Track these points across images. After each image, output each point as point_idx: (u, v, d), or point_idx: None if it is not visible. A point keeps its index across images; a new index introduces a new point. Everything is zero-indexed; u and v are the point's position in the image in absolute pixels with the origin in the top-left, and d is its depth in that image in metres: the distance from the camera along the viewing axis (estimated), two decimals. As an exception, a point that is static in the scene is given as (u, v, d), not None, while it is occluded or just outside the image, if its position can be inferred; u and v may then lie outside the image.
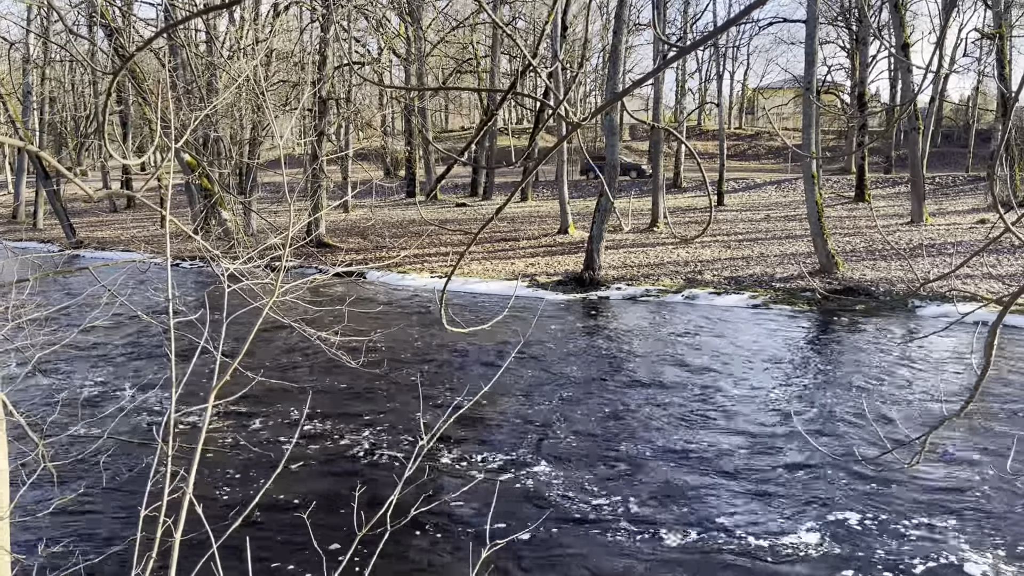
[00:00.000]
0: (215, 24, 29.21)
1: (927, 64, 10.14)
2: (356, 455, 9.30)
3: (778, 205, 33.05)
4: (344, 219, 34.49)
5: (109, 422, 8.99)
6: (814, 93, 20.47)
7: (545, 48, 41.72)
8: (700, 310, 17.92)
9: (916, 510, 7.66)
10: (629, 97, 60.92)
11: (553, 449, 9.45)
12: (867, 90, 36.73)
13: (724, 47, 40.86)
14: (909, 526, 7.36)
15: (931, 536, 7.18)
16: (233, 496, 8.09)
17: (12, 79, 38.32)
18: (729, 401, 11.16)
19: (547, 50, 39.57)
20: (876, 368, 12.71)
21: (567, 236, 27.27)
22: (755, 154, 51.29)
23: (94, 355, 14.07)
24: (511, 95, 3.27)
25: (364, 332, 12.64)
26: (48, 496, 7.17)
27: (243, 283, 5.56)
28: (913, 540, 7.12)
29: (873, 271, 19.76)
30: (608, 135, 22.13)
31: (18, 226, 39.29)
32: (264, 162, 28.26)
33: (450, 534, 7.33)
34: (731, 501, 7.96)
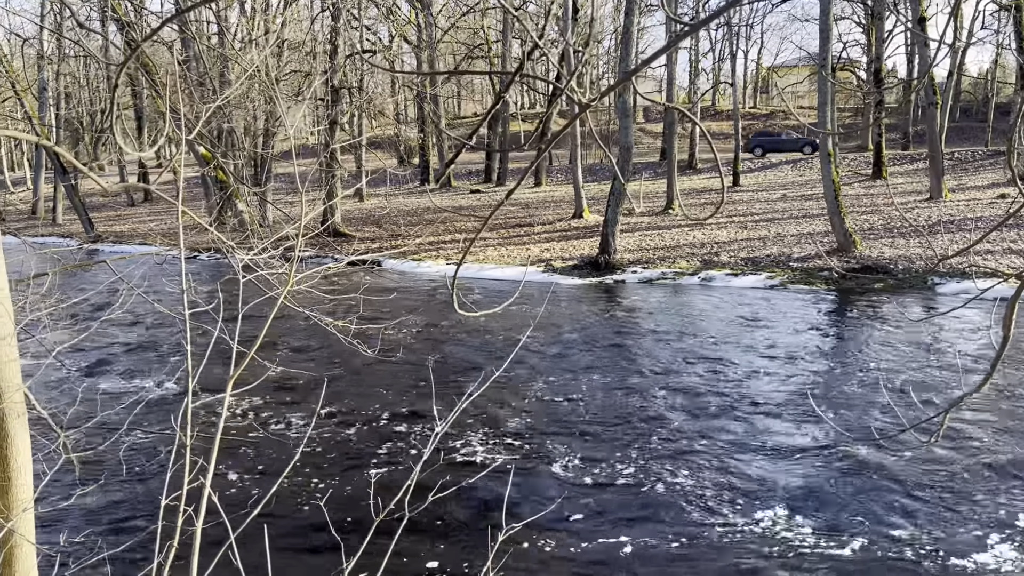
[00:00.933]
0: (226, 15, 29.23)
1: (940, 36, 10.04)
2: (372, 442, 9.36)
3: (794, 184, 32.76)
4: (359, 208, 34.56)
5: (128, 413, 9.08)
6: (829, 70, 20.22)
7: (556, 30, 41.48)
8: (717, 292, 17.83)
9: (933, 488, 7.61)
10: (642, 78, 60.47)
11: (569, 432, 9.46)
12: (884, 66, 36.20)
13: (737, 26, 40.43)
14: (925, 504, 7.32)
15: (948, 514, 7.13)
16: (251, 484, 8.17)
17: (27, 75, 38.57)
18: (745, 382, 11.11)
19: (559, 32, 39.36)
20: (894, 346, 12.61)
21: (582, 220, 27.18)
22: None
23: (113, 347, 14.22)
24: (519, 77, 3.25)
25: (380, 320, 12.69)
26: (70, 487, 7.27)
27: (257, 273, 5.59)
28: (929, 518, 7.07)
29: (892, 249, 19.57)
30: (621, 117, 21.99)
31: (38, 222, 39.71)
32: (278, 153, 28.33)
33: (467, 518, 7.37)
34: (747, 482, 7.93)
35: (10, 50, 37.41)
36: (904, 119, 41.23)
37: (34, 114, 29.66)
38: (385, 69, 9.66)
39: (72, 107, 45.76)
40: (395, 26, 37.25)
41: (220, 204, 26.35)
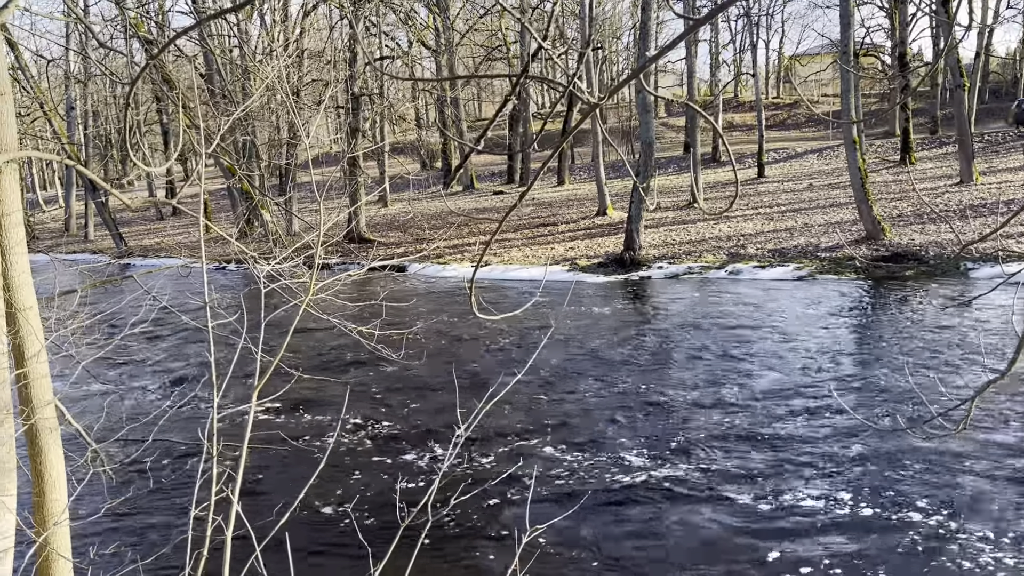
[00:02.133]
0: (246, 28, 29.55)
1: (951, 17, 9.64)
2: (396, 447, 9.38)
3: (821, 173, 32.34)
4: (383, 213, 34.72)
5: (156, 425, 9.20)
6: (851, 57, 19.94)
7: (575, 30, 41.39)
8: (744, 284, 17.66)
9: (960, 476, 7.46)
10: (663, 72, 60.17)
11: (594, 432, 9.41)
12: (908, 50, 35.64)
13: (757, 16, 40.00)
14: (952, 492, 7.18)
15: (975, 503, 6.99)
16: (277, 492, 8.22)
17: (52, 96, 39.28)
18: (772, 375, 10.99)
19: (576, 31, 39.28)
20: (923, 334, 12.40)
21: (606, 218, 27.07)
22: (795, 123, 50.25)
23: (141, 359, 14.41)
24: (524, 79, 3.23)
25: (404, 325, 12.74)
26: (101, 498, 7.38)
27: (280, 283, 5.63)
28: (956, 506, 6.93)
29: (922, 235, 19.24)
30: (642, 113, 21.87)
31: (71, 239, 40.44)
32: (301, 162, 28.57)
33: (491, 521, 7.35)
34: (773, 476, 7.84)
35: (37, 71, 38.12)
36: (931, 102, 40.54)
37: (62, 133, 30.20)
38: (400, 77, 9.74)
39: (99, 125, 46.51)
40: (413, 31, 37.38)
41: (246, 215, 26.64)
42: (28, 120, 34.88)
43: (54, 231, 44.64)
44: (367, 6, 26.48)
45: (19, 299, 5.30)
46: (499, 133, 49.88)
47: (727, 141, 4.72)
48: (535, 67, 40.99)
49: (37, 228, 44.91)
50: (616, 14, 50.05)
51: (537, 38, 2.83)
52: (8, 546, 4.56)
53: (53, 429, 5.60)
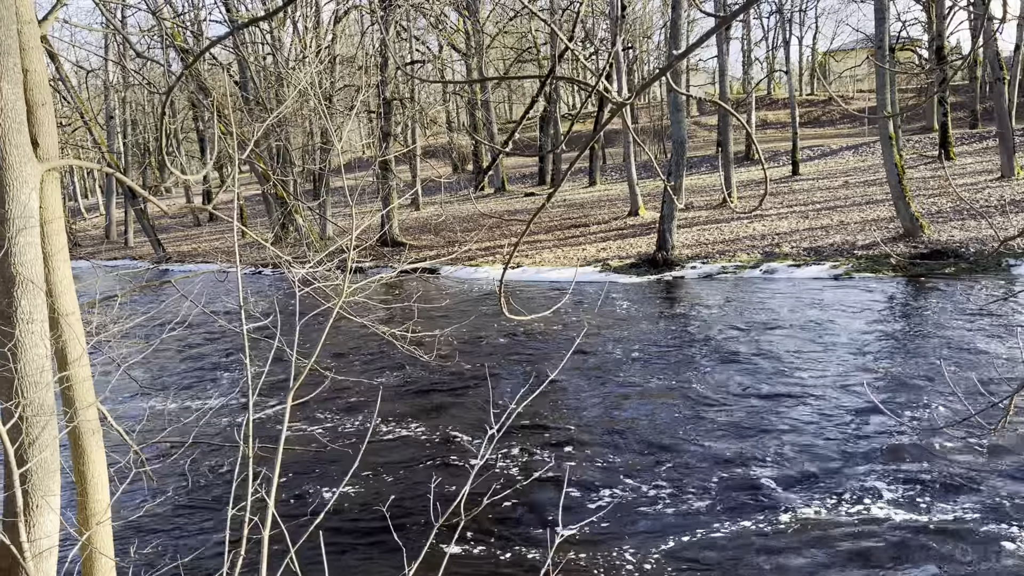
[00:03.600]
0: (279, 36, 29.93)
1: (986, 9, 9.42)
2: (429, 447, 9.43)
3: (856, 170, 31.86)
4: (415, 217, 34.92)
5: (195, 426, 9.35)
6: (887, 51, 19.63)
7: (604, 30, 41.27)
8: (779, 284, 17.47)
9: (999, 474, 7.30)
10: (694, 71, 59.71)
11: (627, 433, 9.38)
12: (946, 43, 34.96)
13: (789, 12, 39.57)
14: (990, 491, 7.03)
15: (1013, 502, 6.84)
16: (312, 492, 8.32)
17: (92, 106, 40.16)
18: (809, 373, 10.85)
19: (606, 31, 39.16)
20: (962, 331, 12.16)
21: (638, 218, 26.95)
22: (830, 120, 49.55)
23: (178, 362, 14.66)
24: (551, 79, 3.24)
25: (435, 327, 12.80)
26: (141, 498, 7.52)
27: (314, 286, 5.71)
28: (995, 505, 6.79)
29: (962, 231, 18.87)
30: (673, 112, 21.76)
31: (111, 245, 41.29)
32: (334, 167, 28.86)
33: (523, 522, 7.36)
34: (809, 477, 7.74)
35: (77, 82, 38.98)
36: (970, 96, 39.75)
37: (102, 142, 30.82)
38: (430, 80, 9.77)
39: (138, 133, 47.42)
40: (444, 35, 37.56)
41: (281, 220, 26.96)
42: (69, 130, 35.64)
43: (95, 238, 45.60)
44: (398, 11, 26.68)
45: (61, 305, 5.44)
46: (531, 135, 49.93)
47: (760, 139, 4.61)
48: (565, 68, 40.95)
49: (79, 235, 45.93)
50: (647, 13, 49.86)
51: (564, 38, 2.84)
52: (52, 545, 4.67)
53: (95, 431, 5.73)
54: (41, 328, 4.88)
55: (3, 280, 4.74)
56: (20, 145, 4.76)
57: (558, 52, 28.41)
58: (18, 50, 4.83)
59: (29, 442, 4.71)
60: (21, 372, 4.70)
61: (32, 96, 5.09)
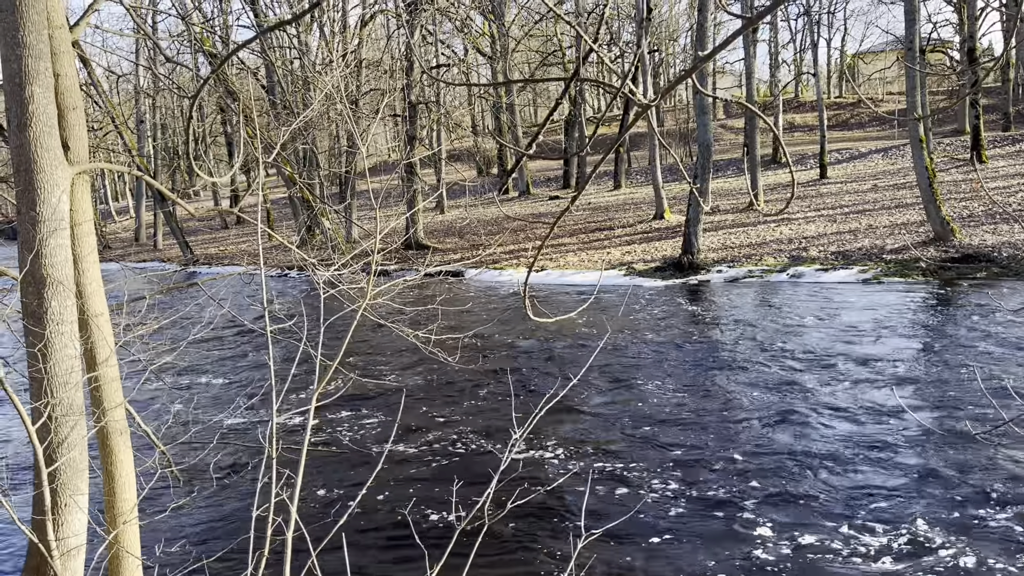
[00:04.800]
0: (306, 40, 30.17)
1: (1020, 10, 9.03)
2: (452, 451, 9.43)
3: (886, 174, 31.47)
4: (440, 220, 35.03)
5: (221, 427, 9.43)
6: (917, 53, 19.37)
7: (631, 33, 41.17)
8: (806, 288, 17.28)
9: None
10: (721, 73, 59.36)
11: (650, 438, 9.31)
12: (978, 45, 34.44)
13: (817, 14, 39.17)
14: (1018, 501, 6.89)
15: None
16: (335, 493, 8.35)
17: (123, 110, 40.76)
18: (838, 379, 10.72)
19: (633, 34, 39.06)
20: (994, 337, 11.94)
21: (663, 221, 26.82)
22: (858, 122, 49.01)
23: (206, 363, 14.80)
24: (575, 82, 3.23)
25: (460, 329, 12.82)
26: (167, 499, 7.59)
27: (338, 288, 5.73)
28: None
29: (994, 236, 18.56)
30: (699, 114, 21.63)
31: (140, 248, 41.86)
32: (359, 171, 29.04)
33: (546, 526, 7.33)
34: (839, 487, 7.64)
35: (108, 86, 39.59)
36: (1002, 98, 39.12)
37: (133, 146, 31.26)
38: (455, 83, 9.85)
39: (167, 137, 48.04)
40: (469, 39, 37.66)
41: (307, 223, 27.16)
42: (100, 134, 36.20)
43: (125, 240, 46.25)
44: (423, 15, 26.79)
45: (91, 306, 5.51)
46: (557, 138, 49.91)
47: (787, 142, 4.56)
48: (590, 71, 40.88)
49: (109, 238, 46.60)
50: (673, 16, 49.67)
51: (588, 40, 2.82)
52: (80, 543, 4.73)
53: (123, 431, 5.80)
54: (71, 329, 4.94)
55: (34, 281, 4.81)
56: (51, 148, 4.84)
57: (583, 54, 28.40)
58: (49, 54, 4.90)
59: (58, 442, 4.77)
60: (51, 372, 4.76)
61: (63, 100, 5.16)
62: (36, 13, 4.72)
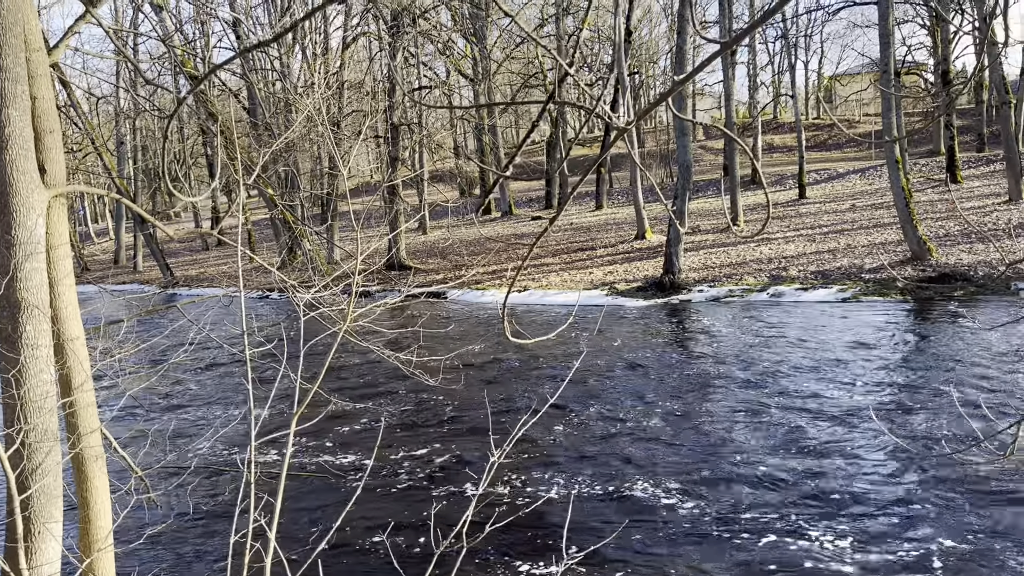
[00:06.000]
0: (287, 62, 30.23)
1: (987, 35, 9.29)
2: (431, 473, 9.37)
3: (863, 194, 31.87)
4: (423, 241, 35.03)
5: (198, 452, 9.33)
6: (892, 76, 19.69)
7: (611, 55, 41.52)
8: (786, 307, 17.41)
9: (1009, 502, 7.20)
10: (700, 95, 59.98)
11: (632, 458, 9.31)
12: (952, 67, 35.07)
13: (795, 37, 39.76)
14: (999, 519, 6.93)
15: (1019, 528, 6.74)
16: (314, 518, 8.27)
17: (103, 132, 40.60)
18: (816, 398, 10.77)
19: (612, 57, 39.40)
20: (970, 356, 12.06)
21: (645, 241, 26.96)
22: (836, 143, 49.66)
23: (184, 387, 14.66)
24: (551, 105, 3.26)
25: (441, 351, 12.79)
26: (143, 525, 7.48)
27: (319, 311, 5.70)
28: (1002, 532, 6.70)
29: (970, 255, 18.81)
30: (679, 136, 21.84)
31: (120, 270, 41.51)
32: (340, 193, 29.00)
33: (526, 548, 7.28)
34: (816, 505, 7.66)
35: (88, 108, 39.43)
36: (976, 120, 39.81)
37: (113, 168, 31.10)
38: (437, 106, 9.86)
39: (148, 159, 47.84)
40: (451, 61, 37.88)
41: (288, 245, 27.06)
42: (80, 155, 36.00)
43: (104, 262, 45.85)
44: (405, 38, 26.94)
45: (67, 330, 5.45)
46: (539, 159, 50.15)
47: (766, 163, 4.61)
48: (571, 92, 41.18)
49: (88, 260, 46.19)
50: (652, 39, 50.21)
51: (564, 65, 2.85)
52: (54, 572, 4.65)
53: (99, 457, 5.72)
54: (46, 353, 4.88)
55: (9, 305, 4.76)
56: (27, 171, 4.80)
57: (559, 77, 28.60)
58: (26, 78, 4.88)
59: (32, 468, 4.70)
60: (25, 397, 4.70)
61: (40, 123, 5.13)
62: (13, 36, 4.71)
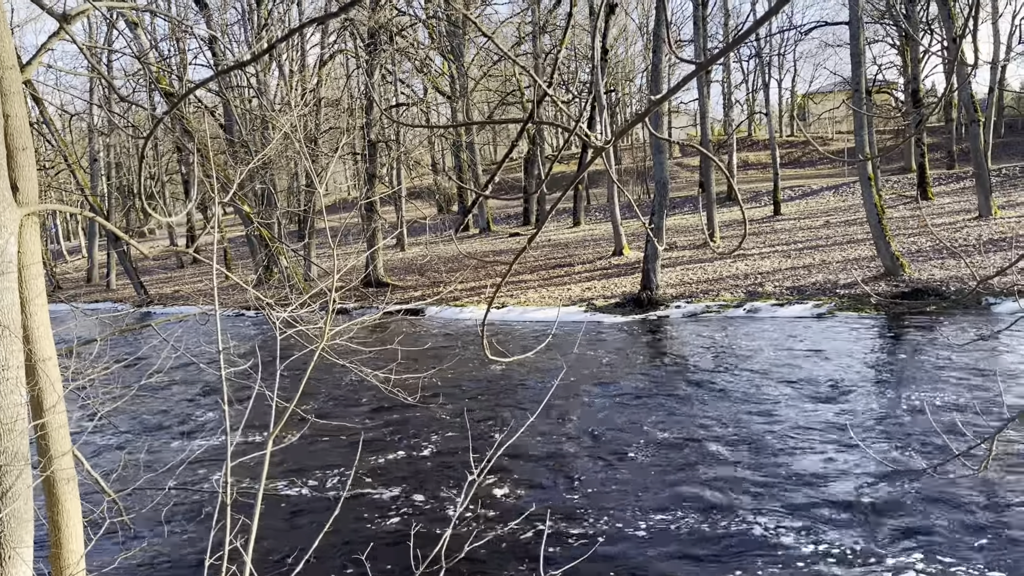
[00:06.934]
0: (264, 79, 30.17)
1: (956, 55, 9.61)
2: (409, 493, 9.31)
3: (837, 210, 32.29)
4: (401, 258, 34.96)
5: (173, 473, 9.20)
6: (863, 94, 20.02)
7: (588, 72, 41.88)
8: (763, 323, 17.54)
9: (983, 516, 7.28)
10: (676, 113, 60.56)
11: (611, 474, 9.31)
12: (921, 86, 35.75)
13: (768, 56, 40.32)
14: (974, 534, 7.00)
15: (996, 544, 6.81)
16: (291, 538, 8.17)
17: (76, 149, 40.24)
18: (792, 413, 10.85)
19: (590, 75, 39.74)
20: (944, 371, 12.22)
21: (622, 257, 27.10)
22: (810, 160, 50.33)
23: (158, 408, 14.47)
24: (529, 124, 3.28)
25: (419, 369, 12.73)
26: (116, 547, 7.35)
27: (295, 329, 5.66)
28: (978, 549, 6.76)
29: (942, 270, 19.08)
30: (655, 153, 22.01)
31: (93, 288, 40.98)
32: (317, 209, 28.91)
33: (505, 566, 7.25)
34: (793, 520, 7.69)
35: (61, 125, 39.06)
36: (946, 138, 40.53)
37: (86, 185, 30.80)
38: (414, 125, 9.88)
39: (122, 176, 47.42)
40: (428, 78, 38.00)
41: (264, 262, 26.89)
42: (52, 173, 35.62)
43: (77, 280, 45.26)
44: (383, 55, 26.99)
45: (38, 350, 5.36)
46: (517, 175, 50.31)
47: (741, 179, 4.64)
48: (549, 111, 41.44)
49: (60, 278, 45.57)
50: (629, 57, 50.69)
51: (543, 85, 2.88)
52: (23, 598, 4.55)
53: (71, 479, 5.62)
54: (16, 375, 4.80)
55: (-22, 326, 4.68)
56: (-1, 190, 4.74)
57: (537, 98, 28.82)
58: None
59: (2, 492, 4.61)
60: (-5, 419, 4.62)
61: (12, 141, 5.07)
62: (-15, 54, 4.67)
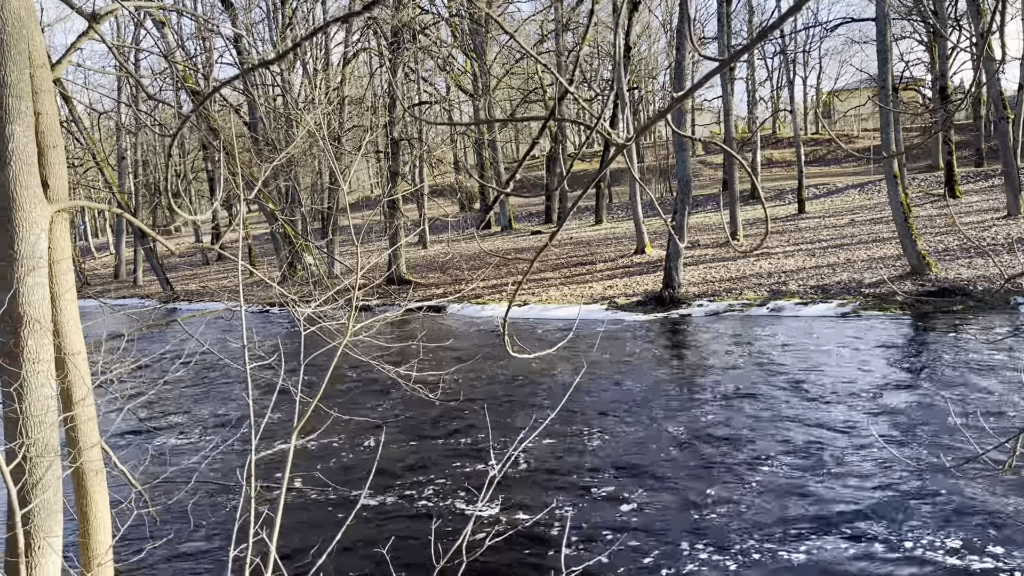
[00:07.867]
0: (288, 78, 30.39)
1: (983, 51, 9.39)
2: (431, 488, 9.35)
3: (862, 208, 31.95)
4: (423, 255, 35.09)
5: (199, 466, 9.31)
6: (890, 91, 19.79)
7: (611, 70, 41.70)
8: (786, 322, 17.41)
9: (1008, 516, 7.20)
10: (699, 110, 60.26)
11: (632, 472, 9.29)
12: (949, 83, 35.25)
13: (793, 53, 39.99)
14: (998, 534, 6.92)
15: (1022, 542, 6.72)
16: (313, 532, 8.24)
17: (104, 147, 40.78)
18: (816, 413, 10.77)
19: (612, 72, 39.57)
20: (970, 370, 12.07)
21: (644, 256, 27.01)
22: (835, 158, 49.82)
23: (184, 402, 14.64)
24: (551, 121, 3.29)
25: (441, 365, 12.79)
26: (142, 539, 7.46)
27: (319, 325, 5.72)
28: (1003, 549, 6.68)
29: (969, 269, 18.84)
30: (678, 151, 21.91)
31: (120, 284, 41.54)
32: (340, 207, 29.09)
33: (526, 562, 7.26)
34: (815, 519, 7.64)
35: (90, 123, 39.59)
36: (974, 135, 39.96)
37: (114, 183, 31.20)
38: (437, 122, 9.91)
39: (149, 173, 47.98)
40: (451, 77, 38.07)
41: (289, 259, 27.11)
42: (81, 170, 36.14)
43: (104, 277, 45.89)
44: (406, 53, 27.09)
45: (68, 344, 5.46)
46: (539, 173, 50.29)
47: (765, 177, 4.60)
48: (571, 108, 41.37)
49: (88, 274, 46.23)
50: (652, 54, 50.49)
51: (564, 82, 2.89)
52: (53, 586, 4.64)
53: (99, 471, 5.72)
54: (47, 368, 4.90)
55: (11, 320, 4.78)
56: (30, 187, 4.83)
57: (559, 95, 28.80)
58: (31, 93, 4.92)
59: (33, 483, 4.70)
60: (26, 412, 4.71)
61: (43, 139, 5.17)
62: (18, 53, 4.75)
